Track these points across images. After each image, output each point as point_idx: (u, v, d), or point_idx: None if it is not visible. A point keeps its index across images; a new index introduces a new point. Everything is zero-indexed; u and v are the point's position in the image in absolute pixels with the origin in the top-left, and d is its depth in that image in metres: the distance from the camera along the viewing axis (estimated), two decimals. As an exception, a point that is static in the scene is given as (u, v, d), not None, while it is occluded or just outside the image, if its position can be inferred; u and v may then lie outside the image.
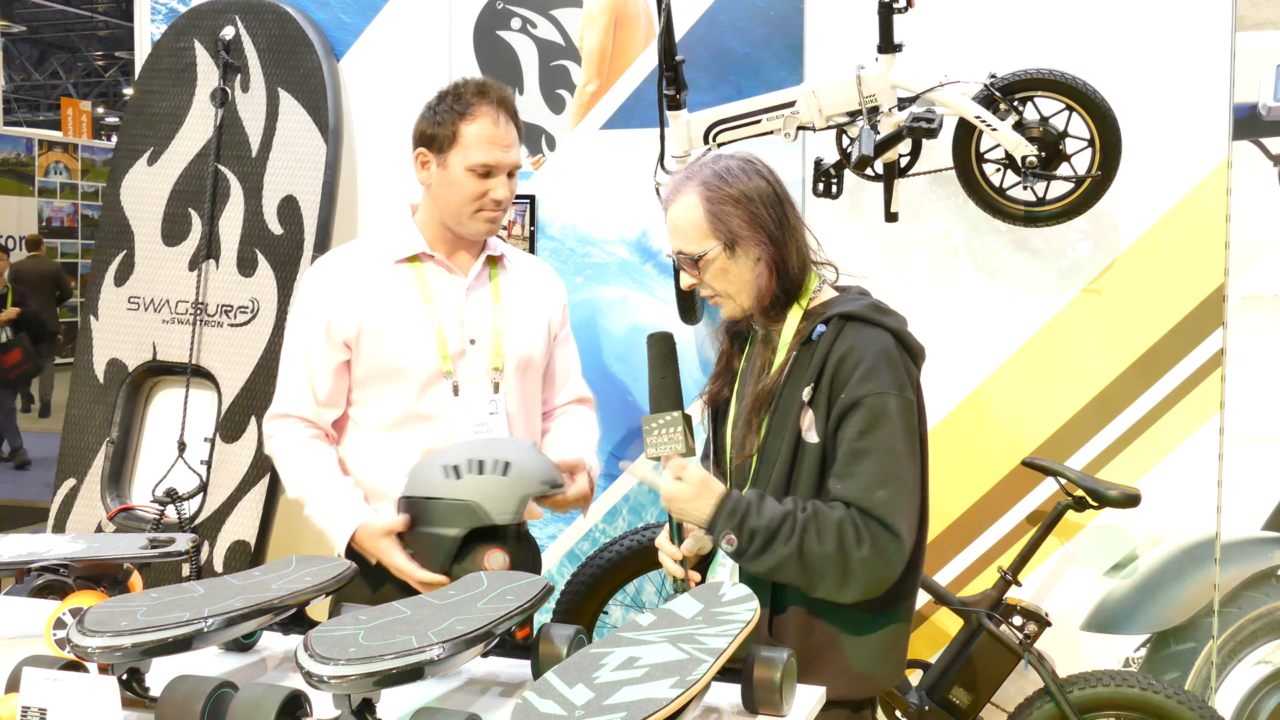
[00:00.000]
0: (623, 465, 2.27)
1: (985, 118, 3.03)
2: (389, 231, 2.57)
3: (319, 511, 2.43)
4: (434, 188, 2.48)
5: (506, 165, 2.45)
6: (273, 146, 3.86)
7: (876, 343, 2.07)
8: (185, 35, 4.01)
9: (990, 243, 3.38)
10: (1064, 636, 3.32)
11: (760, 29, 3.55)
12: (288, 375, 2.51)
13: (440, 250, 2.52)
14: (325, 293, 2.48)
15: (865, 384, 2.03)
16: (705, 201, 2.11)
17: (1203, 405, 3.24)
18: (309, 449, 2.48)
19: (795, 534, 1.99)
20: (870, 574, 2.00)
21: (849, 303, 2.13)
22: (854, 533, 1.98)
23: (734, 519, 2.03)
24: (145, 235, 4.00)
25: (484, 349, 2.49)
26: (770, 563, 2.02)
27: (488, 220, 2.47)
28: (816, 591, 2.03)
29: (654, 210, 3.57)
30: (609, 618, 3.55)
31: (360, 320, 2.44)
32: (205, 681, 1.52)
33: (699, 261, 2.14)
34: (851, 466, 2.02)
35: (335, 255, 2.59)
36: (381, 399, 2.47)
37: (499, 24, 3.84)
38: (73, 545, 2.11)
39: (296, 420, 2.49)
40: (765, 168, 2.17)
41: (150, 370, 3.97)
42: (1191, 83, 3.20)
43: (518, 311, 2.56)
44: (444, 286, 2.50)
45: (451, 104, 2.44)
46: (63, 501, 3.99)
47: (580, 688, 1.45)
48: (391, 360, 2.44)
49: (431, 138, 2.45)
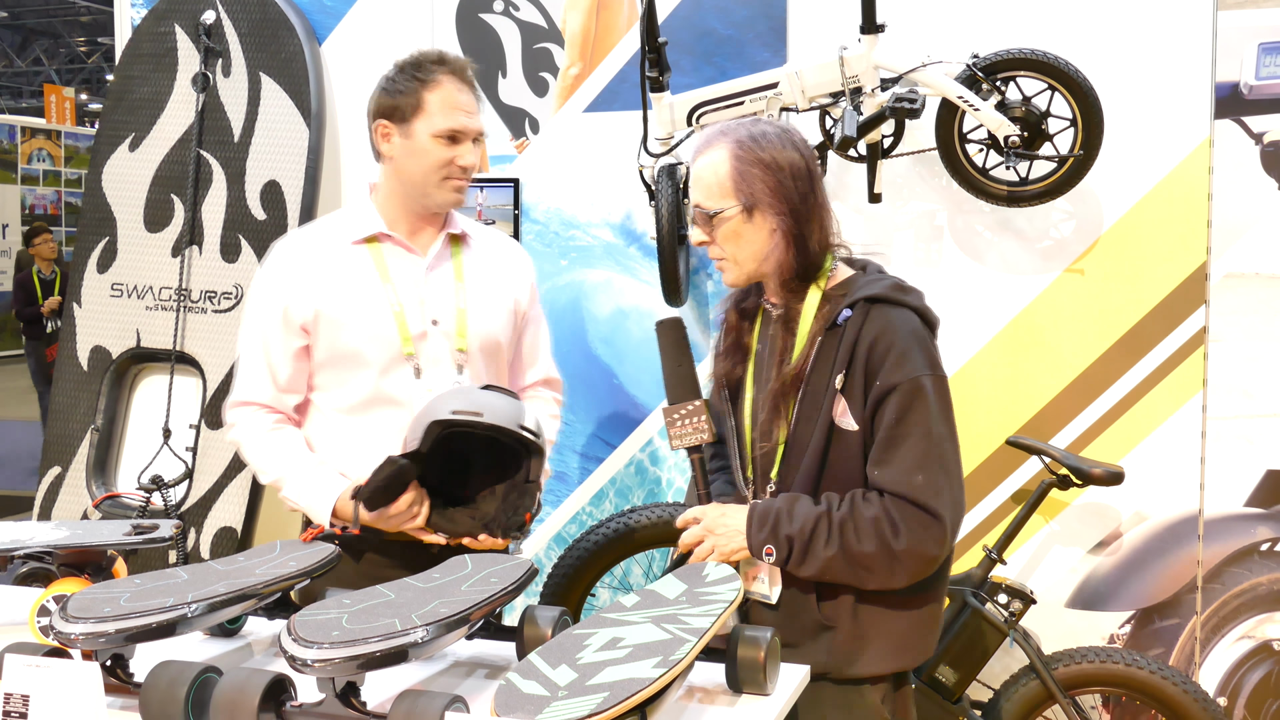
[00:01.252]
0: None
1: (968, 98, 3.04)
2: (347, 213, 2.53)
3: (296, 491, 2.38)
4: (397, 159, 2.42)
5: (472, 130, 2.41)
6: (255, 131, 3.85)
7: (905, 324, 2.07)
8: (166, 20, 3.99)
9: (974, 223, 3.39)
10: (1049, 614, 3.34)
11: (743, 10, 3.54)
12: (247, 362, 2.47)
13: (400, 229, 2.46)
14: (282, 277, 2.43)
15: (900, 369, 2.02)
16: (734, 159, 2.08)
17: (1185, 383, 3.25)
18: (275, 433, 2.44)
19: (834, 536, 2.01)
20: (914, 561, 2.01)
21: (872, 285, 2.11)
22: (890, 527, 1.99)
23: (765, 527, 2.04)
24: (128, 222, 3.98)
25: (447, 330, 2.43)
26: (816, 567, 2.03)
27: (455, 188, 2.43)
28: (868, 586, 2.05)
29: (638, 193, 3.56)
30: (596, 600, 3.55)
31: (317, 304, 2.39)
32: (189, 667, 1.51)
33: (714, 218, 2.11)
34: (889, 453, 2.03)
35: (292, 239, 2.54)
36: (342, 383, 2.42)
37: (482, 6, 3.83)
38: (57, 532, 2.11)
39: (258, 407, 2.45)
40: (801, 140, 2.14)
41: (134, 357, 3.97)
42: (1173, 62, 3.21)
43: (482, 290, 2.51)
44: (403, 267, 2.44)
45: (413, 73, 2.40)
46: (48, 489, 3.98)
47: (564, 668, 1.45)
48: (350, 344, 2.39)
49: (394, 108, 2.40)
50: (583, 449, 3.76)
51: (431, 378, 2.41)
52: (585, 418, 3.75)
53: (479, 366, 2.49)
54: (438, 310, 2.44)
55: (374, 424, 2.40)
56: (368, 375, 2.39)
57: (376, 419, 2.40)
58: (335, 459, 2.42)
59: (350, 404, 2.42)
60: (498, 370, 2.56)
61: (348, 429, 2.43)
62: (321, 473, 2.38)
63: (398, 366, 2.40)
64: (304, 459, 2.41)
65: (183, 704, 1.48)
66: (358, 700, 1.49)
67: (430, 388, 2.39)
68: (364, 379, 2.40)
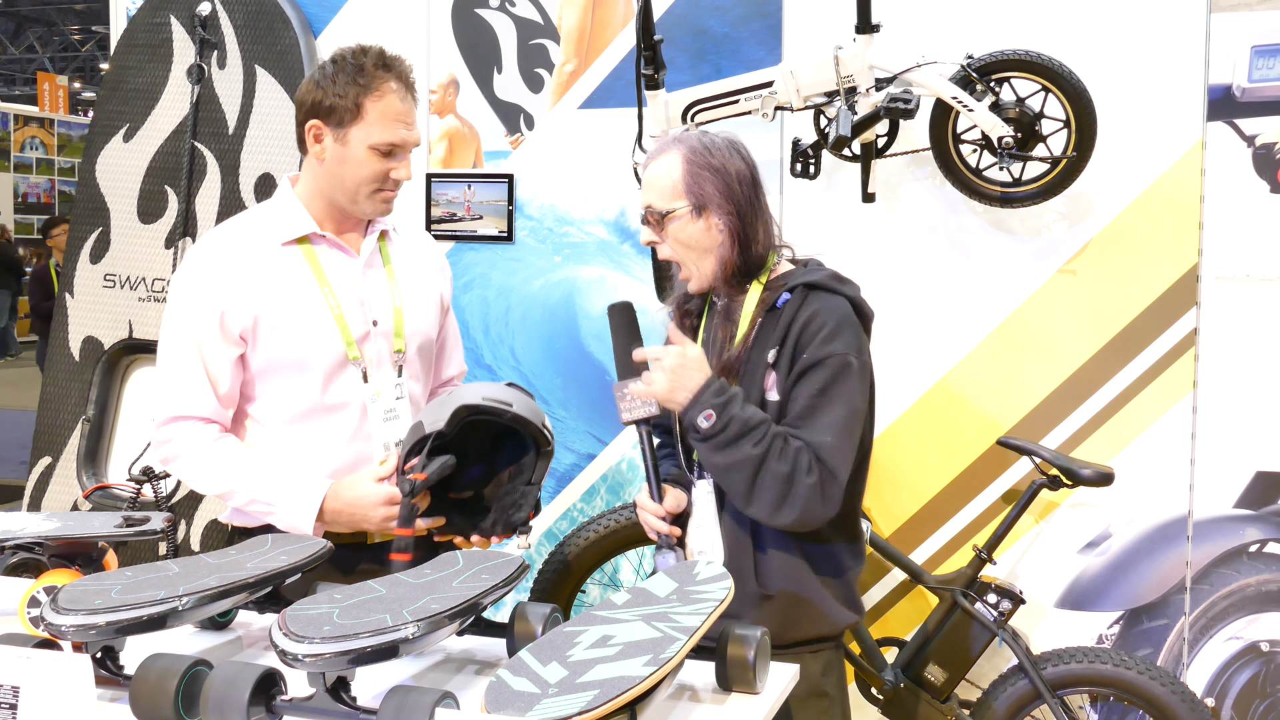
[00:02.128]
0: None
1: (962, 98, 3.04)
2: (270, 210, 2.38)
3: (262, 491, 2.25)
4: (328, 163, 2.29)
5: (411, 143, 2.32)
6: (249, 124, 3.84)
7: (838, 309, 2.20)
8: (161, 11, 3.98)
9: (967, 223, 3.40)
10: (1038, 614, 3.35)
11: (739, 9, 3.55)
12: (180, 374, 2.29)
13: (329, 228, 2.35)
14: (213, 281, 2.28)
15: (828, 345, 2.15)
16: (686, 163, 2.22)
17: (1176, 384, 3.26)
18: (221, 442, 2.30)
19: (764, 441, 2.10)
20: (809, 504, 2.10)
21: (811, 274, 2.26)
22: (807, 462, 2.10)
23: (720, 398, 2.13)
24: (121, 212, 3.98)
25: (385, 330, 2.36)
26: (732, 459, 2.11)
27: (384, 199, 2.32)
28: (752, 507, 2.14)
29: (632, 190, 3.56)
30: (586, 596, 3.56)
31: (256, 310, 2.26)
32: (180, 660, 1.52)
33: (664, 218, 2.23)
34: (808, 417, 2.14)
35: (216, 240, 2.35)
36: (284, 392, 2.30)
37: (478, 2, 3.82)
38: (47, 524, 2.11)
39: (197, 421, 2.29)
40: (747, 152, 2.28)
41: (126, 348, 3.96)
42: (1166, 64, 3.21)
43: (413, 288, 2.44)
44: (339, 267, 2.34)
45: (354, 76, 2.25)
46: (38, 479, 3.98)
47: (554, 665, 1.46)
48: (292, 351, 2.27)
49: (329, 109, 2.26)
50: (575, 445, 3.76)
51: (377, 380, 2.34)
52: (578, 414, 3.75)
53: (415, 366, 2.43)
54: (377, 310, 2.36)
55: (318, 432, 2.31)
56: (312, 382, 2.29)
57: (321, 426, 2.31)
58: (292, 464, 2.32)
59: (294, 413, 2.31)
60: (428, 368, 2.50)
61: (290, 438, 2.32)
62: (295, 476, 2.28)
63: (343, 371, 2.31)
64: (266, 463, 2.30)
65: (173, 697, 1.48)
66: (348, 695, 1.49)
67: (379, 390, 2.33)
68: (308, 386, 2.29)
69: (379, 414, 2.34)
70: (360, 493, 2.24)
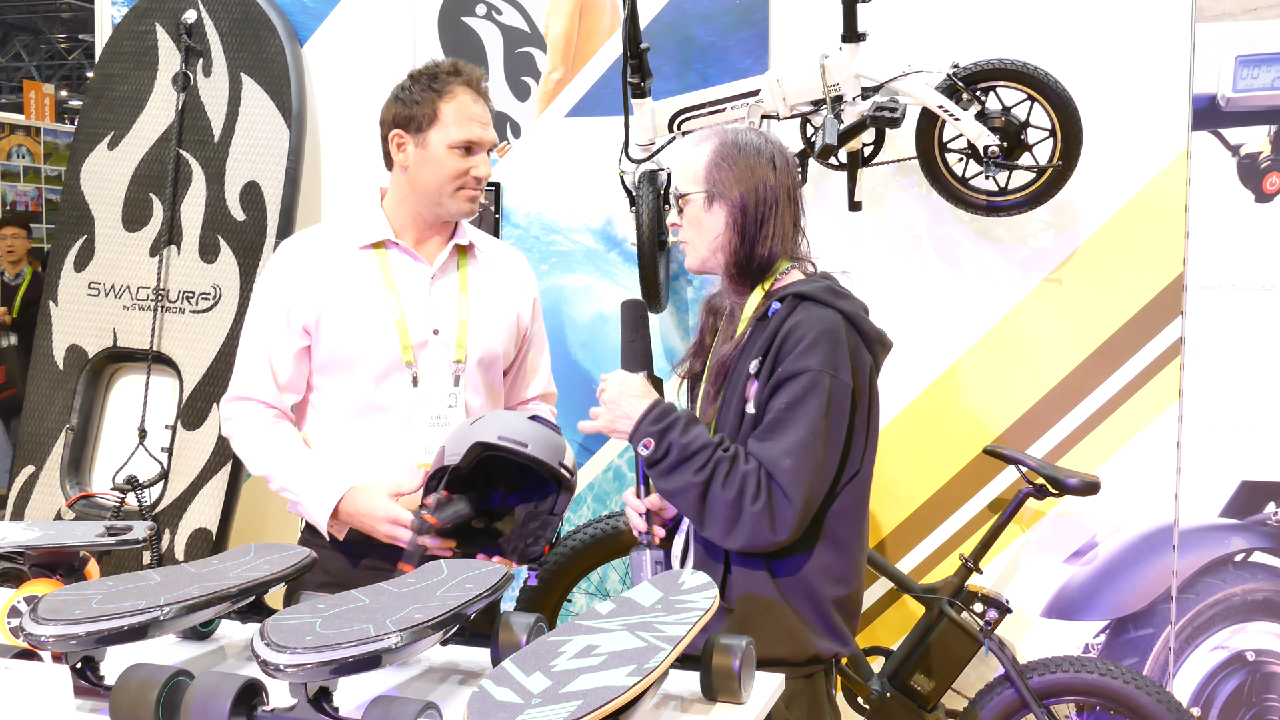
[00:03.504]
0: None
1: (948, 107, 3.05)
2: (355, 216, 2.53)
3: (294, 485, 2.40)
4: (412, 169, 2.44)
5: (487, 142, 2.45)
6: (235, 131, 3.83)
7: (822, 321, 2.14)
8: (146, 18, 3.97)
9: (953, 232, 3.40)
10: (1024, 623, 3.35)
11: (726, 17, 3.55)
12: (248, 358, 2.49)
13: (408, 237, 2.49)
14: (287, 277, 2.46)
15: (802, 359, 2.11)
16: (713, 153, 2.24)
17: (1162, 394, 3.27)
18: (273, 427, 2.46)
19: (707, 468, 2.09)
20: (756, 531, 2.08)
21: (807, 284, 2.21)
22: (755, 487, 2.08)
23: (658, 425, 2.14)
24: (106, 220, 3.96)
25: (447, 340, 2.46)
26: (674, 484, 2.12)
27: (469, 198, 2.45)
28: (704, 530, 2.13)
29: (619, 198, 3.56)
30: (573, 605, 3.55)
31: (320, 307, 2.41)
32: (160, 670, 1.50)
33: (681, 199, 2.27)
34: (771, 431, 2.12)
35: (299, 239, 2.55)
36: (339, 387, 2.44)
37: (464, 10, 3.82)
38: (28, 533, 2.09)
39: (257, 403, 2.47)
40: (782, 159, 2.26)
41: (111, 356, 3.94)
42: (1152, 74, 3.23)
43: (485, 303, 2.53)
44: (408, 274, 2.47)
45: (428, 84, 2.43)
46: (21, 488, 3.95)
47: (538, 675, 1.45)
48: (350, 348, 2.41)
49: (409, 118, 2.42)
50: (561, 454, 3.75)
51: (428, 387, 2.43)
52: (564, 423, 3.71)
53: (475, 379, 2.51)
54: (439, 320, 2.46)
55: (367, 429, 2.42)
56: (364, 381, 2.42)
57: (370, 424, 2.43)
58: (330, 461, 2.44)
59: (346, 408, 2.45)
60: (493, 383, 2.58)
61: (343, 432, 2.45)
62: (323, 473, 2.40)
63: (395, 374, 2.42)
64: (303, 455, 2.44)
65: (154, 707, 1.47)
66: (330, 705, 1.48)
67: (427, 396, 2.42)
68: (360, 384, 2.42)
69: (425, 419, 2.43)
70: (371, 505, 2.33)
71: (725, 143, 2.25)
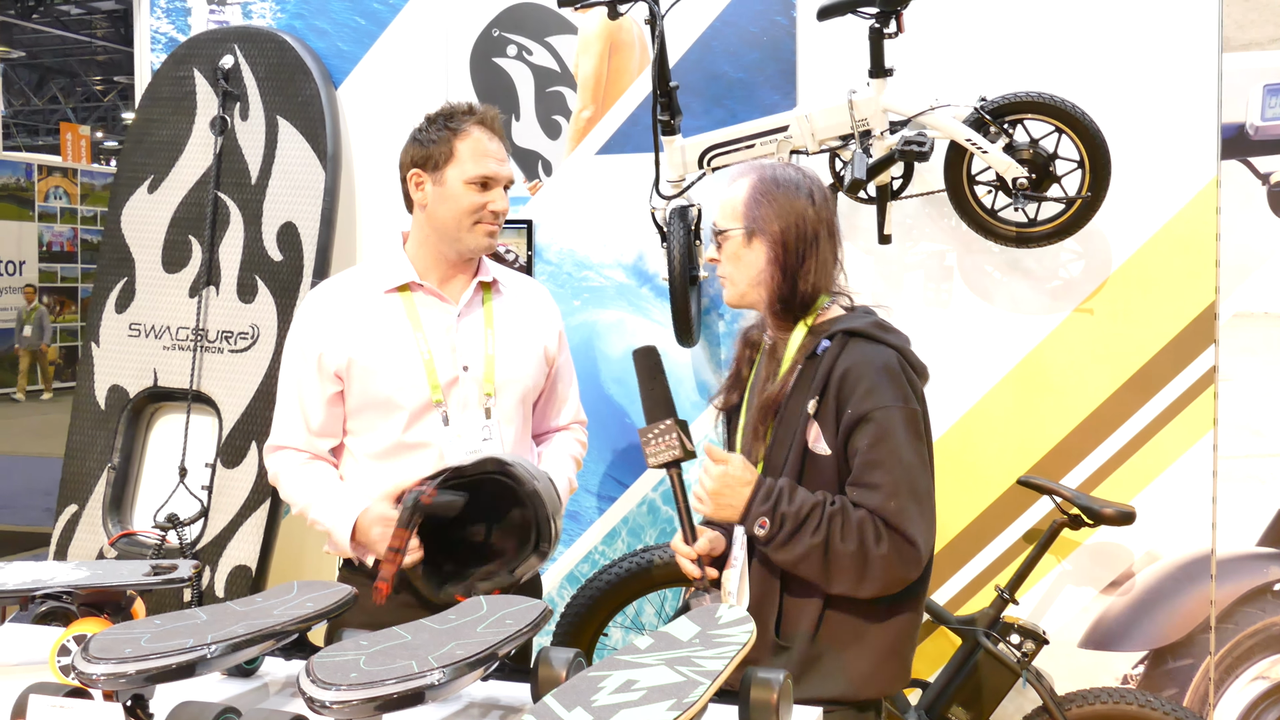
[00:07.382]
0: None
1: (976, 140, 3.07)
2: (380, 262, 2.60)
3: (320, 513, 2.47)
4: (430, 206, 2.51)
5: (503, 178, 2.52)
6: (272, 174, 3.89)
7: (878, 358, 2.16)
8: (185, 64, 4.04)
9: (983, 263, 3.41)
10: (1062, 654, 3.34)
11: (753, 54, 3.59)
12: (283, 407, 2.57)
13: (432, 278, 2.55)
14: (317, 324, 2.53)
15: (870, 399, 2.12)
16: (752, 188, 2.26)
17: (1196, 422, 3.26)
18: (308, 466, 2.54)
19: (822, 526, 2.09)
20: (888, 573, 2.09)
21: (854, 320, 2.23)
22: (874, 532, 2.08)
23: (768, 503, 2.12)
24: (146, 262, 4.03)
25: (476, 376, 2.51)
26: (796, 552, 2.11)
27: (487, 233, 2.51)
28: (834, 586, 2.12)
29: (650, 234, 3.59)
30: (609, 639, 3.56)
31: (350, 352, 2.48)
32: (208, 708, 1.53)
33: (720, 235, 2.29)
34: (866, 477, 2.12)
35: (327, 286, 2.62)
36: (373, 429, 2.51)
37: (495, 51, 3.88)
38: (76, 573, 2.13)
39: (291, 450, 2.56)
40: (820, 193, 2.28)
41: (151, 396, 4.00)
42: (1179, 103, 3.23)
43: (511, 336, 2.58)
44: (434, 314, 2.53)
45: (444, 124, 2.51)
46: (64, 527, 4.00)
47: (578, 710, 1.46)
48: (381, 391, 2.47)
49: (426, 158, 2.50)
50: (596, 489, 3.77)
51: (460, 423, 2.49)
52: (598, 457, 3.77)
53: (506, 412, 2.55)
54: (468, 356, 2.51)
55: (402, 469, 2.45)
56: (397, 422, 2.47)
57: (404, 464, 2.47)
58: (362, 495, 2.48)
59: (379, 449, 2.50)
60: (524, 415, 2.62)
61: (377, 473, 2.49)
62: (344, 495, 2.46)
63: (427, 413, 2.47)
64: (329, 483, 2.51)
65: (202, 745, 1.50)
66: (374, 742, 1.50)
67: (460, 433, 2.47)
68: (393, 425, 2.48)
69: (458, 456, 2.46)
70: (369, 513, 2.39)
71: (764, 178, 2.26)
